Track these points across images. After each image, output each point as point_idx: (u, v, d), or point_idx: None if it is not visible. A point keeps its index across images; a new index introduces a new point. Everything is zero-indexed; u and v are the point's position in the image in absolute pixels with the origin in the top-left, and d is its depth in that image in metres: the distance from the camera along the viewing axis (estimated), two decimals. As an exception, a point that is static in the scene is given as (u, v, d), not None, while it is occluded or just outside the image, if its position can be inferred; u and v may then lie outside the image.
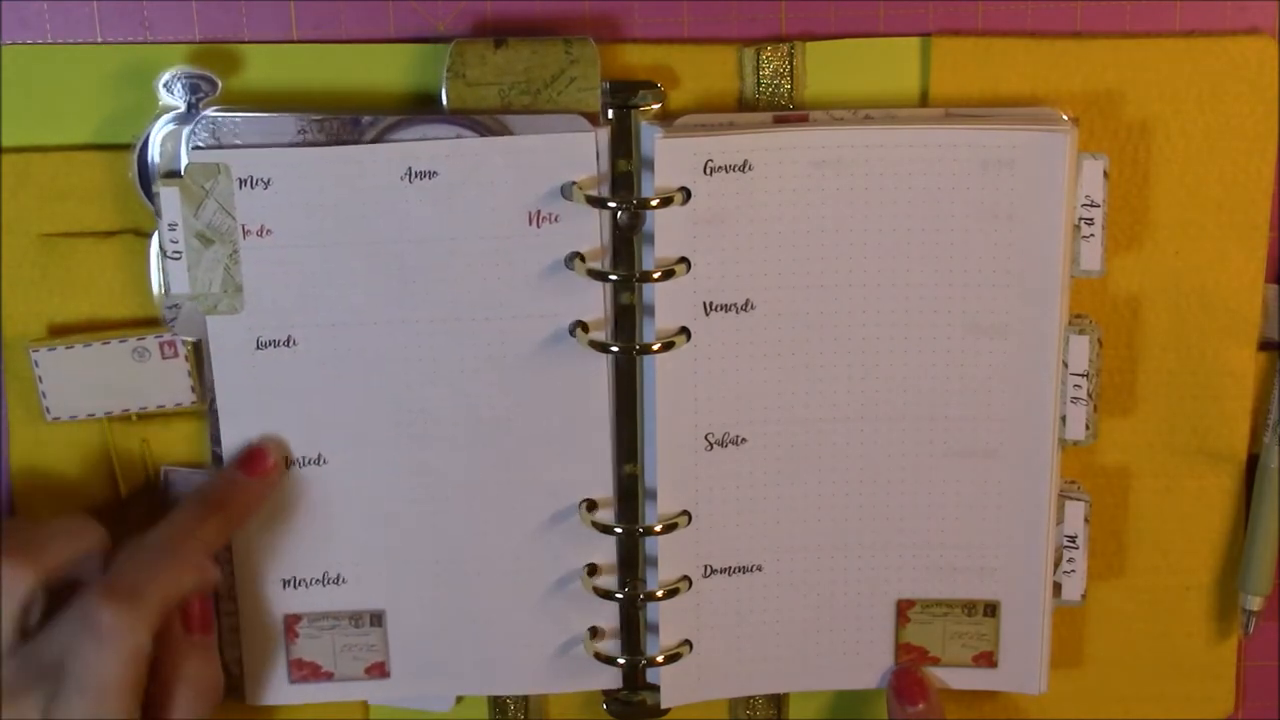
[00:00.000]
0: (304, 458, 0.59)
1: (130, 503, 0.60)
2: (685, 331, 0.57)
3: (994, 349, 0.58)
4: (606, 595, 0.60)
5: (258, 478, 0.58)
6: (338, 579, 0.60)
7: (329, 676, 0.61)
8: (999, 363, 0.58)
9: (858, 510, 0.60)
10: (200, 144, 0.56)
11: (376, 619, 0.61)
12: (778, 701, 0.64)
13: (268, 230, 0.56)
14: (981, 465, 0.59)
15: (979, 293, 0.57)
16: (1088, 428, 0.59)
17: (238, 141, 0.56)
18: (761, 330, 0.58)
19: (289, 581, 0.60)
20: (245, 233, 0.56)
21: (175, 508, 0.57)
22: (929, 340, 0.58)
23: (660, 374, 0.58)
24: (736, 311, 0.58)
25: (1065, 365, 0.58)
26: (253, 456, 0.58)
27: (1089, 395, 0.58)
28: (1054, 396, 0.58)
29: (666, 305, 0.57)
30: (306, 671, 0.61)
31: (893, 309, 0.58)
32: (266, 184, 0.56)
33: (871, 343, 0.58)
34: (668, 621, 0.60)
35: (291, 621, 0.60)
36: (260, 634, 0.60)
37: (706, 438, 0.59)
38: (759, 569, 0.60)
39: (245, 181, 0.56)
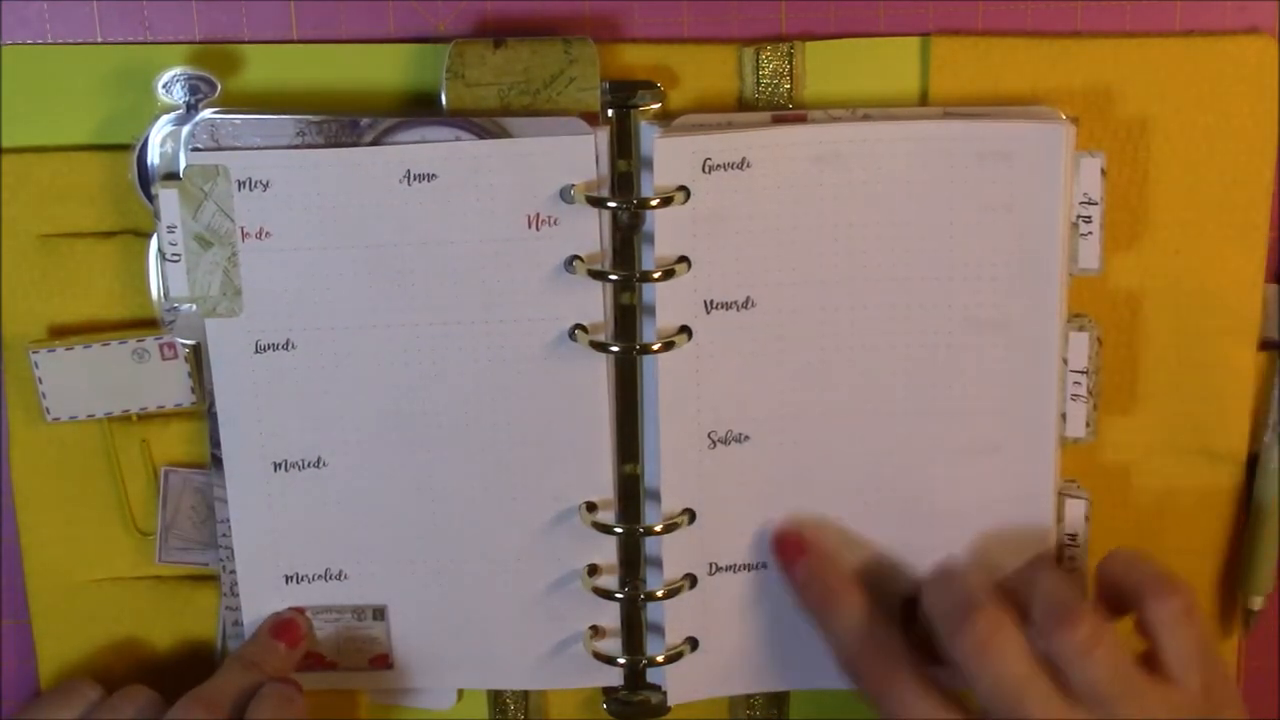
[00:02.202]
0: (303, 460, 0.59)
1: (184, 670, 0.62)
2: (686, 330, 0.57)
3: (994, 343, 0.58)
4: (607, 595, 0.60)
5: (288, 645, 0.60)
6: (340, 575, 0.60)
7: (333, 666, 0.61)
8: (1000, 357, 0.58)
9: (863, 508, 0.60)
10: (199, 145, 0.56)
11: (379, 613, 0.61)
12: (778, 701, 0.64)
13: (266, 233, 0.56)
14: (985, 461, 0.59)
15: (979, 286, 0.57)
16: (1088, 425, 0.59)
17: (236, 143, 0.56)
18: (762, 327, 0.58)
19: (291, 577, 0.60)
20: (244, 235, 0.56)
21: (220, 668, 0.59)
22: (930, 335, 0.58)
23: (662, 373, 0.58)
24: (737, 309, 0.58)
25: (1065, 362, 0.58)
26: (286, 626, 0.60)
27: (1089, 393, 0.58)
28: (1055, 391, 0.58)
29: (667, 304, 0.57)
30: (310, 661, 0.61)
31: (893, 304, 0.58)
32: (265, 186, 0.56)
33: (873, 338, 0.58)
34: (673, 619, 0.60)
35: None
36: None
37: (709, 435, 0.59)
38: (765, 566, 0.60)
39: (244, 184, 0.56)
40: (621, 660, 0.61)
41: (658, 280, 0.57)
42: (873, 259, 0.57)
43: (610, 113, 0.57)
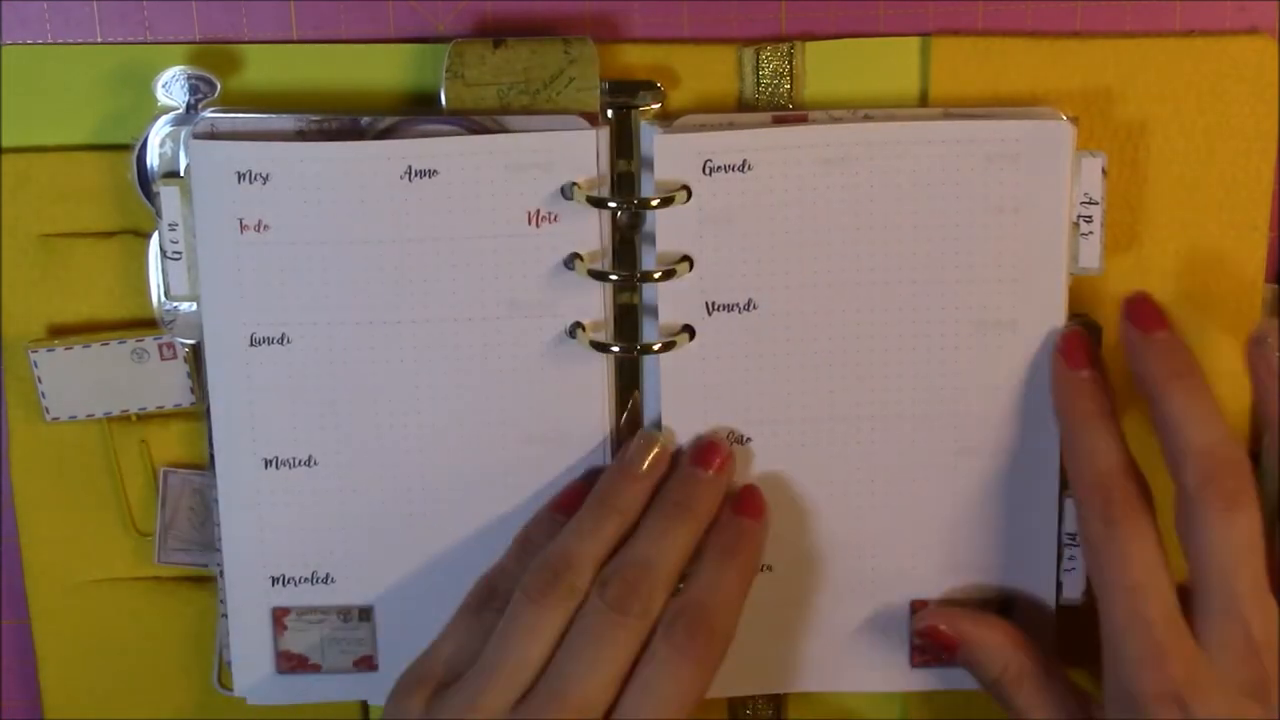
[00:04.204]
0: (294, 459, 0.59)
1: None
2: (688, 330, 0.57)
3: (1000, 345, 0.58)
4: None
5: (714, 473, 0.57)
6: (326, 578, 0.60)
7: (316, 669, 0.61)
8: (1005, 359, 0.58)
9: (869, 510, 0.59)
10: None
11: (365, 614, 0.60)
12: (776, 702, 0.63)
13: (265, 225, 0.56)
14: (990, 463, 0.59)
15: (984, 288, 0.57)
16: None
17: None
18: (765, 330, 0.58)
19: (278, 579, 0.60)
20: (242, 228, 0.56)
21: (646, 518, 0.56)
22: (935, 337, 0.58)
23: (665, 373, 0.58)
24: (739, 311, 0.57)
25: (1066, 366, 0.58)
26: (706, 450, 0.57)
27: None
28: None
29: (669, 304, 0.57)
30: (294, 663, 0.61)
31: (898, 306, 0.57)
32: (265, 179, 0.56)
33: (878, 340, 0.58)
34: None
35: (280, 614, 0.60)
36: (248, 626, 0.60)
37: None
38: (769, 569, 0.60)
39: (244, 176, 0.56)
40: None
41: (658, 280, 0.57)
42: (878, 262, 0.57)
43: (610, 113, 0.57)
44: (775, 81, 0.58)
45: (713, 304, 0.57)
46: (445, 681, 0.54)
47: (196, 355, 0.59)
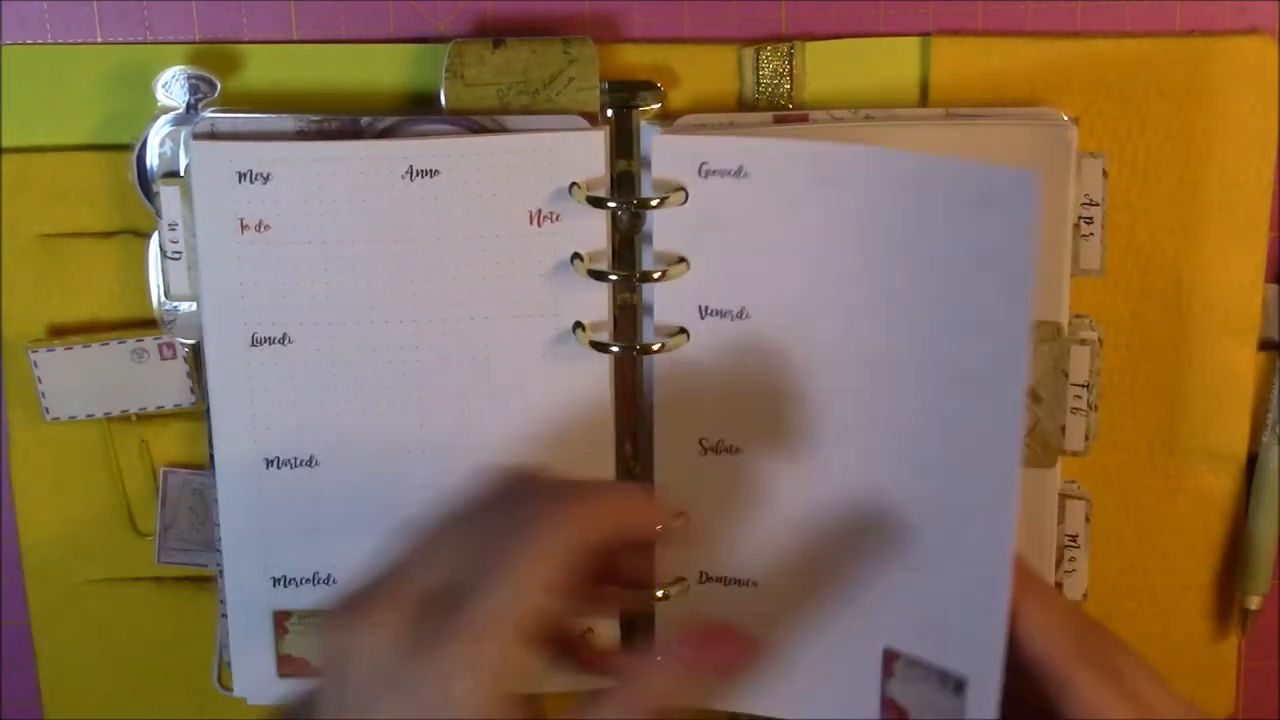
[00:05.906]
0: (295, 458, 0.59)
1: None
2: (685, 332, 0.57)
3: (999, 355, 0.57)
4: (603, 596, 0.60)
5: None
6: (327, 579, 0.60)
7: (317, 672, 0.61)
8: (1004, 369, 0.57)
9: (857, 527, 0.58)
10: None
11: None
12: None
13: (266, 225, 0.56)
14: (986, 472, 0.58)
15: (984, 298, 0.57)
16: (1087, 438, 0.58)
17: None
18: (756, 340, 0.57)
19: (279, 580, 0.60)
20: (243, 227, 0.56)
21: None
22: (935, 349, 0.57)
23: (658, 375, 0.58)
24: (731, 318, 0.57)
25: (1065, 375, 0.58)
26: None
27: (1089, 406, 0.58)
28: (1063, 401, 0.58)
29: (664, 305, 0.57)
30: (294, 666, 0.61)
31: (896, 318, 0.57)
32: (266, 179, 0.56)
33: (871, 356, 0.57)
34: (663, 623, 0.60)
35: (280, 617, 0.60)
36: (248, 627, 0.60)
37: (701, 442, 0.58)
38: (754, 584, 0.59)
39: (244, 175, 0.56)
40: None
41: (657, 281, 0.56)
42: (874, 273, 0.56)
43: (610, 112, 0.57)
44: (775, 81, 0.58)
45: (705, 308, 0.57)
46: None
47: (196, 355, 0.59)
